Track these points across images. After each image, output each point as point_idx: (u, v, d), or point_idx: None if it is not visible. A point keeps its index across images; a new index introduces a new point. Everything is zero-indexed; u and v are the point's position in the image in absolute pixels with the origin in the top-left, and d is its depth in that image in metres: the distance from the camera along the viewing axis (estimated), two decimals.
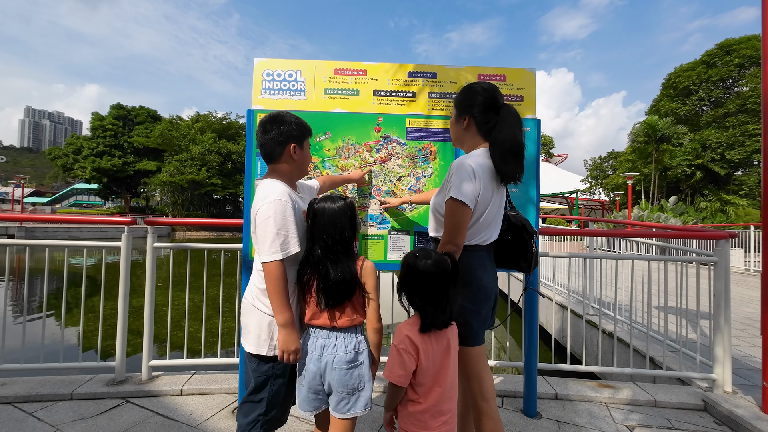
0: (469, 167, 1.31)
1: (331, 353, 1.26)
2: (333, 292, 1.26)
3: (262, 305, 1.35)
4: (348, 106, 2.13)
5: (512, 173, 1.34)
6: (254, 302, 1.37)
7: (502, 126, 1.34)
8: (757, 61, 20.71)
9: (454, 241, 1.31)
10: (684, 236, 5.08)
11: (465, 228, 1.30)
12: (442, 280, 1.18)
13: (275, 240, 1.25)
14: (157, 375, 2.43)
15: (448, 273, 1.19)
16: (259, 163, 2.07)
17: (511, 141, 1.32)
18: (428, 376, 1.19)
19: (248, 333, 1.36)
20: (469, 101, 1.42)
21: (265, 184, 1.38)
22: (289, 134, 1.40)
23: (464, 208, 1.30)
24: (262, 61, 2.14)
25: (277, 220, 1.26)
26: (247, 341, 1.36)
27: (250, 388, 1.35)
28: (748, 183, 20.33)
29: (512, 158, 1.32)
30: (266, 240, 1.26)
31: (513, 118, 1.35)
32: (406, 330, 1.21)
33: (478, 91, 1.41)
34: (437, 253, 1.22)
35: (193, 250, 2.58)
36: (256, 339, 1.33)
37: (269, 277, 1.26)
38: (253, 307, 1.36)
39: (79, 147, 40.67)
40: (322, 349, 1.27)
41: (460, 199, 1.29)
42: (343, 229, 1.29)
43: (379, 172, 2.08)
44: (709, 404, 2.22)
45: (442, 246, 1.33)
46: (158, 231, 13.86)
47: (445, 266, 1.19)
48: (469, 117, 1.42)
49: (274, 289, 1.25)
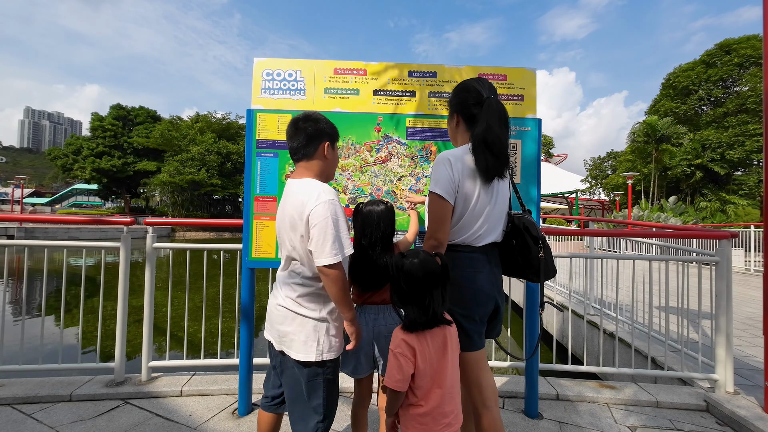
0: (446, 160, 1.31)
1: (383, 322, 1.53)
2: (375, 280, 1.52)
3: (305, 310, 1.30)
4: (348, 106, 2.12)
5: (492, 168, 1.29)
6: (296, 308, 1.31)
7: (479, 119, 1.32)
8: (756, 60, 20.71)
9: (435, 235, 1.29)
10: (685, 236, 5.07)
11: (445, 222, 1.29)
12: (427, 279, 1.16)
13: (335, 242, 1.22)
14: (157, 376, 2.42)
15: (434, 273, 1.16)
16: (259, 163, 2.06)
17: (484, 133, 1.29)
18: (426, 378, 1.17)
19: (292, 341, 1.30)
20: (457, 98, 1.42)
21: (308, 183, 1.31)
22: (323, 131, 1.37)
23: (441, 201, 1.29)
24: (262, 60, 2.13)
25: (336, 222, 1.23)
26: (292, 349, 1.30)
27: (301, 395, 1.31)
28: (748, 183, 20.32)
29: (487, 151, 1.28)
30: (326, 242, 1.21)
31: (492, 110, 1.32)
32: (402, 333, 1.20)
33: (466, 88, 1.40)
34: (426, 253, 1.20)
35: (193, 251, 2.58)
36: (303, 346, 1.29)
37: (333, 280, 1.22)
38: (294, 314, 1.31)
39: (79, 147, 40.68)
40: (374, 320, 1.54)
41: (436, 192, 1.29)
42: (385, 228, 1.55)
43: (380, 172, 2.07)
44: (711, 405, 2.21)
45: (425, 242, 1.32)
46: (158, 231, 13.79)
47: (432, 266, 1.17)
48: (457, 114, 1.42)
49: (340, 290, 1.24)
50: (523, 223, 1.40)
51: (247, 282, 2.07)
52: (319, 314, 1.31)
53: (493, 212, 1.37)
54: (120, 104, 42.66)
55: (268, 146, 2.06)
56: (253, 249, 2.03)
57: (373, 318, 1.54)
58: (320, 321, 1.31)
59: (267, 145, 2.06)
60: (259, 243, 2.03)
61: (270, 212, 2.04)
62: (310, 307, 1.31)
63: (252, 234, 2.03)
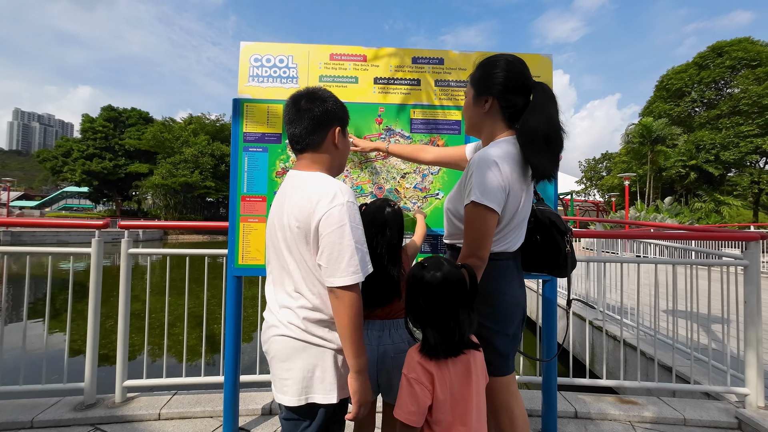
0: (493, 162, 1.07)
1: (389, 340, 1.30)
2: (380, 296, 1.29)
3: (319, 339, 1.01)
4: (346, 95, 1.91)
5: (547, 167, 1.09)
6: (306, 337, 1.00)
7: (535, 107, 1.09)
8: (748, 63, 20.92)
9: (478, 253, 1.07)
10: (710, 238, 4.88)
11: (490, 237, 1.07)
12: (450, 297, 0.95)
13: (354, 256, 0.94)
14: (133, 396, 2.17)
15: (460, 290, 0.96)
16: (246, 159, 1.84)
17: (545, 126, 1.07)
18: (446, 411, 0.96)
19: (295, 380, 0.99)
20: (492, 78, 1.16)
21: (319, 179, 1.02)
22: (333, 114, 1.08)
23: (489, 214, 1.06)
24: (250, 44, 1.92)
25: (355, 230, 0.96)
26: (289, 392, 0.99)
27: None
28: (742, 184, 20.48)
29: (546, 148, 1.08)
30: (343, 256, 0.93)
31: (547, 96, 1.11)
32: (417, 356, 0.99)
33: (502, 66, 1.15)
34: (451, 263, 0.99)
35: (177, 257, 2.33)
36: (321, 384, 0.99)
37: (347, 307, 0.93)
38: (305, 344, 1.00)
39: (69, 149, 39.99)
40: (378, 338, 1.30)
41: (483, 203, 1.05)
42: (392, 236, 1.33)
43: (381, 169, 1.86)
44: (744, 422, 2.03)
45: (463, 259, 1.09)
46: (149, 235, 13.69)
47: (457, 281, 0.96)
48: (492, 98, 1.16)
49: (353, 322, 0.94)
50: (549, 218, 1.22)
51: (233, 291, 1.85)
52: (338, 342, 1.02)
53: (528, 212, 1.20)
54: (111, 106, 42.06)
55: (256, 140, 1.84)
56: (239, 255, 1.80)
57: (377, 335, 1.32)
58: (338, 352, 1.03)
59: (255, 139, 1.84)
60: (247, 248, 1.81)
61: (259, 213, 1.82)
62: (325, 336, 1.02)
63: (238, 238, 1.80)
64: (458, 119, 1.88)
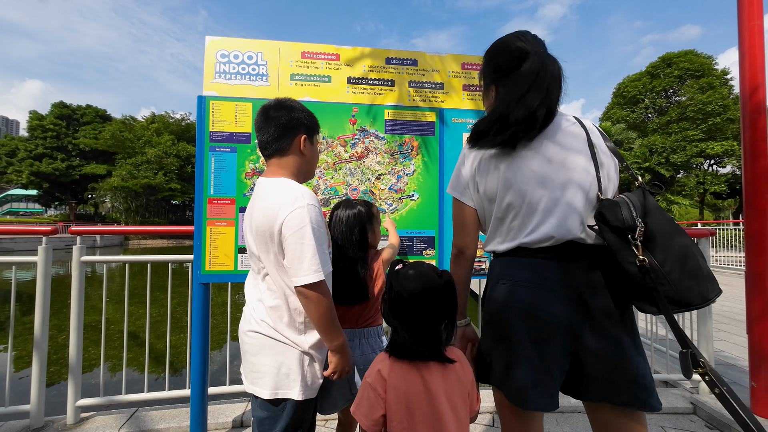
0: (462, 154, 1.08)
1: (357, 353, 1.31)
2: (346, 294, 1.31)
3: (285, 338, 1.08)
4: (318, 95, 1.87)
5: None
6: (274, 335, 1.07)
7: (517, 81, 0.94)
8: (693, 73, 22.73)
9: (455, 242, 1.09)
10: None
11: (466, 228, 1.07)
12: (422, 300, 0.91)
13: (315, 255, 1.00)
14: (88, 416, 2.00)
15: (433, 293, 0.91)
16: (213, 159, 1.75)
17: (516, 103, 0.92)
18: (403, 426, 0.88)
19: (264, 374, 1.07)
20: (492, 64, 1.04)
21: (282, 184, 1.09)
22: (299, 122, 1.15)
23: (457, 204, 1.09)
24: (216, 39, 1.83)
25: (315, 231, 1.02)
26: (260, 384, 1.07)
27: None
28: (689, 184, 22.18)
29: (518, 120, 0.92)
30: (304, 255, 0.99)
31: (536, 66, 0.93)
32: (380, 359, 0.95)
33: (501, 50, 1.01)
34: (431, 266, 0.97)
35: (139, 264, 2.18)
36: (286, 380, 1.06)
37: (317, 303, 1.01)
38: (273, 341, 1.07)
39: (14, 149, 36.66)
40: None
41: (451, 194, 1.10)
42: (356, 234, 1.37)
43: (356, 170, 1.83)
44: (698, 407, 2.17)
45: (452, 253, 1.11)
46: (108, 240, 12.80)
47: (431, 283, 0.92)
48: (495, 86, 1.04)
49: (325, 314, 1.02)
50: (620, 220, 1.14)
51: (199, 299, 1.75)
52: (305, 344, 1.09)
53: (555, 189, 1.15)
54: (63, 102, 39.00)
55: (223, 139, 1.76)
56: (206, 261, 1.71)
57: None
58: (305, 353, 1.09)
59: (222, 138, 1.76)
60: (214, 254, 1.72)
61: (227, 216, 1.73)
62: (288, 334, 1.08)
63: (204, 243, 1.71)
64: (433, 120, 1.88)
